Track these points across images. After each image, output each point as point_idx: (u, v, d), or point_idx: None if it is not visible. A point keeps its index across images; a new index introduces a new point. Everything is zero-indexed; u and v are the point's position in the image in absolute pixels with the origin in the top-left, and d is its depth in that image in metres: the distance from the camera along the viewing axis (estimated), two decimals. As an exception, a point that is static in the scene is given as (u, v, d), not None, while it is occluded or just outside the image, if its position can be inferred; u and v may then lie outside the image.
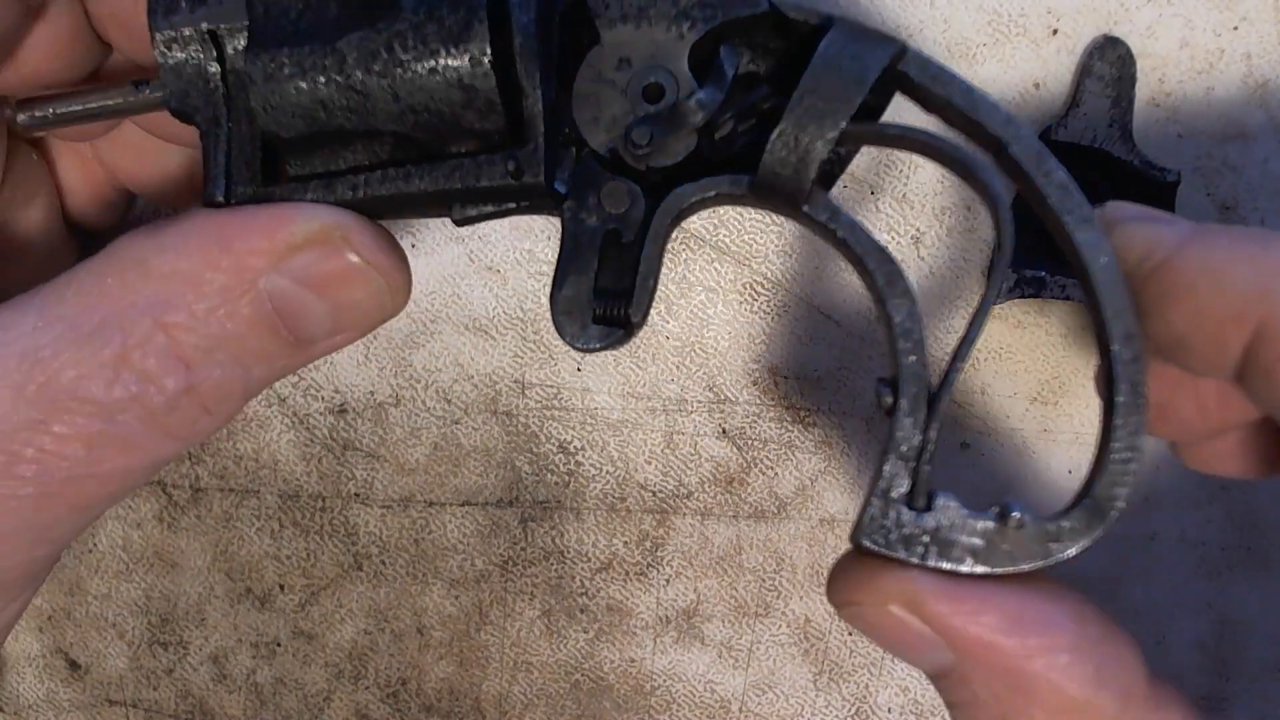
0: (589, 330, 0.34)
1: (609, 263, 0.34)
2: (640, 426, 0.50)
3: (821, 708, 0.51)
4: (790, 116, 0.31)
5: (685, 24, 0.33)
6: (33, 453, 0.30)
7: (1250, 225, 0.48)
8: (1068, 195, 0.31)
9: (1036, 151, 0.32)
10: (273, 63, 0.31)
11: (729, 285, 0.49)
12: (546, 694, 0.51)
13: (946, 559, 0.30)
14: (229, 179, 0.33)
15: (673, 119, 0.33)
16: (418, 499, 0.50)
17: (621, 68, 0.34)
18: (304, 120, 0.32)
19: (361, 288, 0.33)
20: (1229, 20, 0.47)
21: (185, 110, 0.33)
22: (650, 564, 0.50)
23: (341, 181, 0.33)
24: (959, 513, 0.31)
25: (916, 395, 0.32)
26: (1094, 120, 0.46)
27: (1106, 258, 0.31)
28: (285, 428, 0.50)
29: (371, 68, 0.31)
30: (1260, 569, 0.50)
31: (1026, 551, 0.31)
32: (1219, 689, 0.51)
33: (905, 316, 0.32)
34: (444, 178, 0.33)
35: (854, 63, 0.31)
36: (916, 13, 0.47)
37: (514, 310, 0.49)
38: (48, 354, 0.30)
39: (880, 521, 0.31)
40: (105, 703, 0.52)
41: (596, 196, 0.34)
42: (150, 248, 0.31)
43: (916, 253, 0.48)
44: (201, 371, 0.31)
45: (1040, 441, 0.49)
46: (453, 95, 0.31)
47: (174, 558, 0.51)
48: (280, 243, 0.31)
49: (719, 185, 0.34)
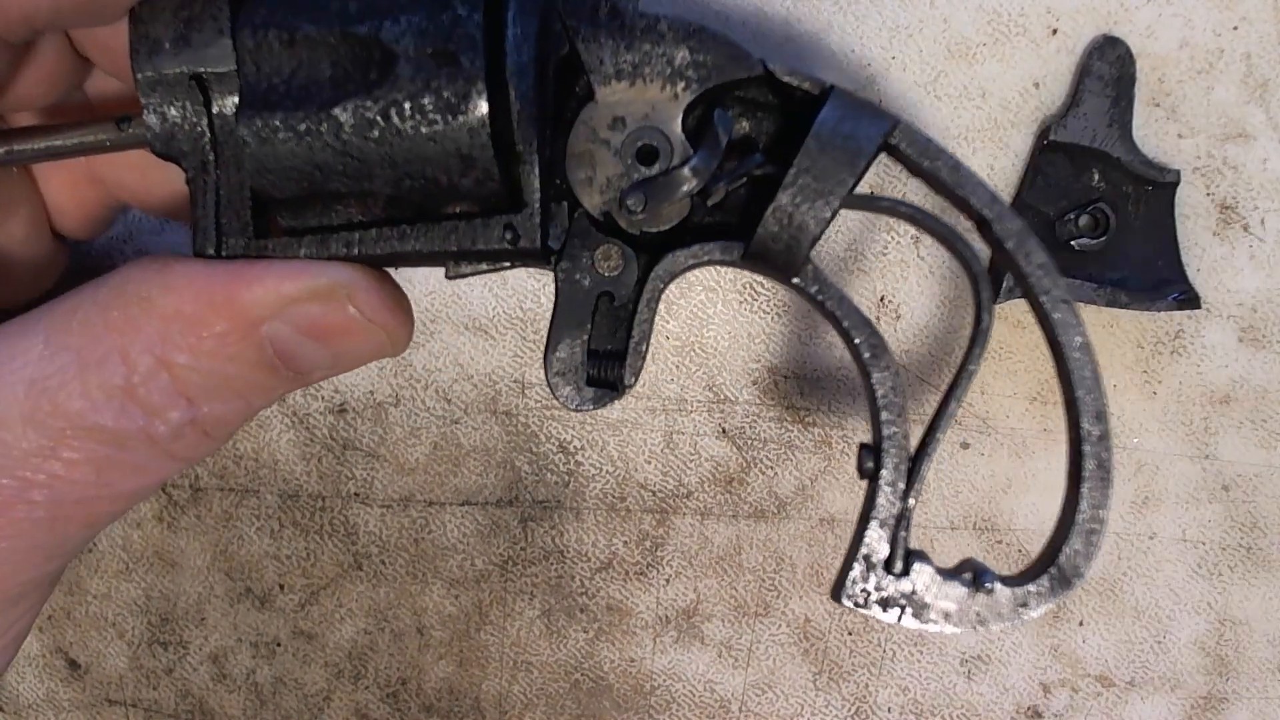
0: (584, 393, 0.35)
1: (601, 324, 0.35)
2: (640, 426, 0.50)
3: (821, 707, 0.51)
4: (785, 194, 0.32)
5: (679, 84, 0.33)
6: (44, 477, 0.31)
7: (1250, 224, 0.48)
8: (1046, 275, 0.33)
9: (1019, 231, 0.33)
10: (266, 127, 0.30)
11: (729, 285, 0.49)
12: (546, 694, 0.51)
13: (920, 620, 0.33)
14: (220, 231, 0.33)
15: (667, 186, 0.33)
16: (418, 499, 0.50)
17: (615, 127, 0.34)
18: (298, 183, 0.31)
19: (363, 340, 0.34)
20: (1229, 20, 0.47)
21: (170, 154, 0.33)
22: (650, 564, 0.50)
23: (336, 238, 0.33)
24: (934, 578, 0.33)
25: (897, 465, 0.34)
26: (1093, 120, 0.46)
27: (1081, 339, 0.33)
28: (285, 427, 0.50)
29: (368, 135, 0.30)
30: (1260, 569, 0.50)
31: (995, 614, 0.33)
32: (1219, 689, 0.51)
33: (889, 389, 0.34)
34: (440, 239, 0.32)
35: (849, 143, 0.32)
36: (916, 12, 0.47)
37: (514, 310, 0.49)
38: (55, 383, 0.30)
39: (861, 585, 0.33)
40: (105, 702, 0.52)
41: (590, 258, 0.35)
42: (156, 286, 0.31)
43: (916, 252, 0.48)
44: (203, 406, 0.32)
45: (1040, 441, 0.49)
46: (450, 163, 0.31)
47: (174, 557, 0.51)
48: (285, 295, 0.31)
49: (711, 252, 0.34)
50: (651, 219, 0.34)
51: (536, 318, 0.49)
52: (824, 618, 0.51)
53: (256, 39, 0.31)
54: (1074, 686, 0.51)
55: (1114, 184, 0.46)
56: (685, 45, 0.33)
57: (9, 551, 0.31)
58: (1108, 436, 0.33)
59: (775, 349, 0.49)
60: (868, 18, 0.47)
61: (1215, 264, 0.48)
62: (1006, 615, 0.33)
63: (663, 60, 0.33)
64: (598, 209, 0.34)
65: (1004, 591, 0.33)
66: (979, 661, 0.51)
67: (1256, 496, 0.50)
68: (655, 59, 0.33)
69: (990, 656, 0.51)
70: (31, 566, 0.33)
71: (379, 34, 0.30)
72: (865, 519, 0.34)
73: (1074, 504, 0.33)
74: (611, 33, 0.33)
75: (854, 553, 0.34)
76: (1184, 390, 0.49)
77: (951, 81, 0.47)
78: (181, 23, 0.31)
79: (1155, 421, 0.49)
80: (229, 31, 0.31)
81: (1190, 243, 0.47)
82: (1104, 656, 0.51)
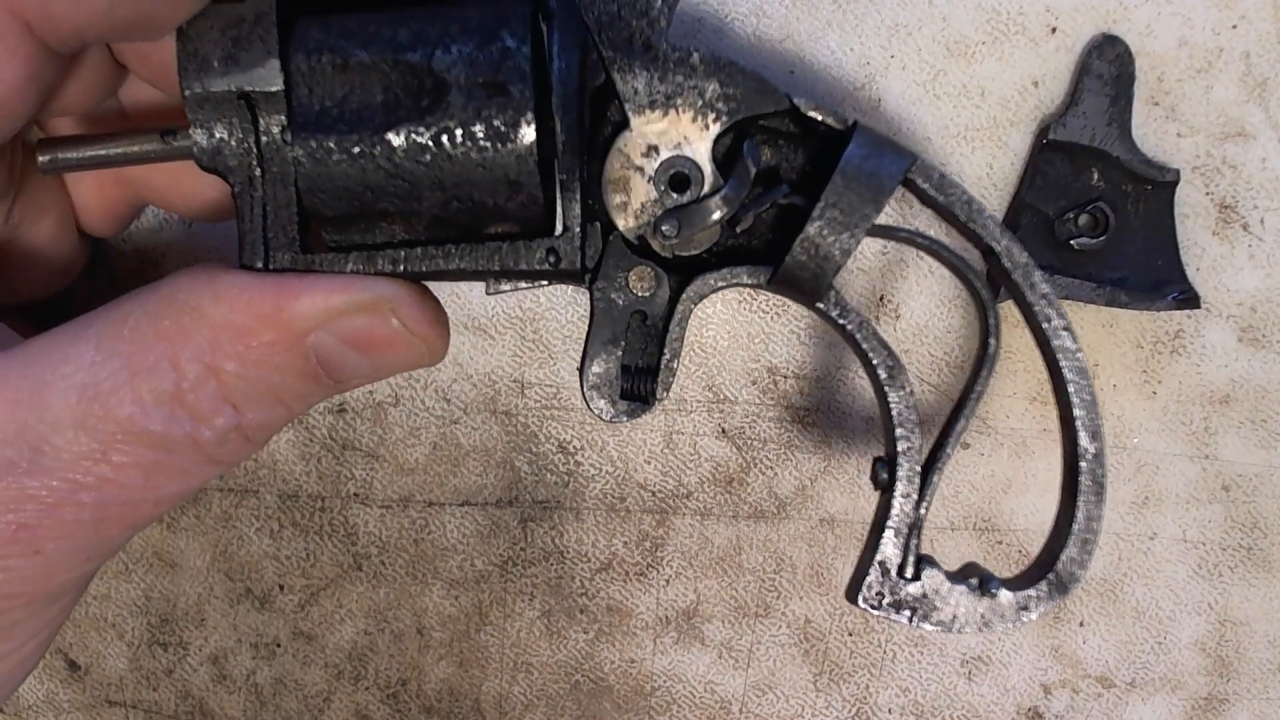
0: (617, 405, 0.37)
1: (634, 341, 0.37)
2: (640, 426, 0.50)
3: (821, 708, 0.51)
4: (813, 226, 0.34)
5: (710, 115, 0.35)
6: (93, 480, 0.32)
7: (1250, 224, 0.48)
8: (1049, 305, 0.36)
9: (1024, 263, 0.36)
10: (321, 148, 0.32)
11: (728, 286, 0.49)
12: (546, 694, 0.51)
13: (930, 622, 0.36)
14: (267, 245, 0.34)
15: (699, 213, 0.35)
16: (417, 499, 0.50)
17: (649, 154, 0.36)
18: (349, 202, 0.32)
19: (404, 352, 0.35)
20: (1228, 19, 0.47)
21: (216, 168, 0.34)
22: (650, 564, 0.50)
23: (382, 255, 0.34)
24: (944, 582, 0.36)
25: (911, 477, 0.36)
26: (1093, 119, 0.46)
27: (1079, 364, 0.36)
28: (285, 428, 0.50)
29: (420, 159, 0.31)
30: (1260, 569, 0.50)
31: (999, 616, 0.36)
32: (1219, 689, 0.50)
33: (904, 407, 0.36)
34: (484, 259, 0.34)
35: (872, 180, 0.34)
36: (915, 11, 0.47)
37: (513, 310, 0.49)
38: (106, 388, 0.31)
39: (877, 589, 0.36)
40: (105, 703, 0.52)
41: (624, 278, 0.37)
42: (207, 296, 0.32)
43: (915, 253, 0.48)
44: (248, 413, 0.33)
45: (1040, 441, 0.49)
46: (497, 188, 0.32)
47: (173, 558, 0.51)
48: (332, 308, 0.33)
49: (739, 275, 0.37)
50: (684, 244, 0.36)
51: (536, 318, 0.49)
52: (824, 619, 0.51)
53: (310, 62, 0.32)
54: (1074, 687, 0.51)
55: (1113, 183, 0.46)
56: (715, 78, 0.35)
57: (55, 552, 0.32)
58: (1103, 454, 0.36)
59: (775, 349, 0.49)
60: (867, 16, 0.47)
61: (1215, 263, 0.48)
62: (1009, 618, 0.36)
63: (694, 92, 0.35)
64: (632, 233, 0.36)
65: (1006, 596, 0.36)
66: (979, 662, 0.51)
67: (1256, 496, 0.49)
68: (687, 90, 0.35)
69: (991, 657, 0.51)
70: (73, 567, 0.33)
71: (430, 62, 0.31)
72: (880, 527, 0.36)
73: (1069, 515, 0.36)
74: (646, 64, 0.35)
75: (870, 558, 0.36)
76: (1184, 390, 0.49)
77: (950, 80, 0.47)
78: (230, 41, 0.32)
79: (1155, 421, 0.49)
80: (277, 53, 0.32)
81: (1190, 242, 0.47)
82: (1104, 657, 0.51)
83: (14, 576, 0.32)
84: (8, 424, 0.31)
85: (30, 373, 0.31)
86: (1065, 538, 0.36)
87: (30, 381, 0.31)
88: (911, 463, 0.36)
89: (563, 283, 0.37)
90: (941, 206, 0.36)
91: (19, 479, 0.31)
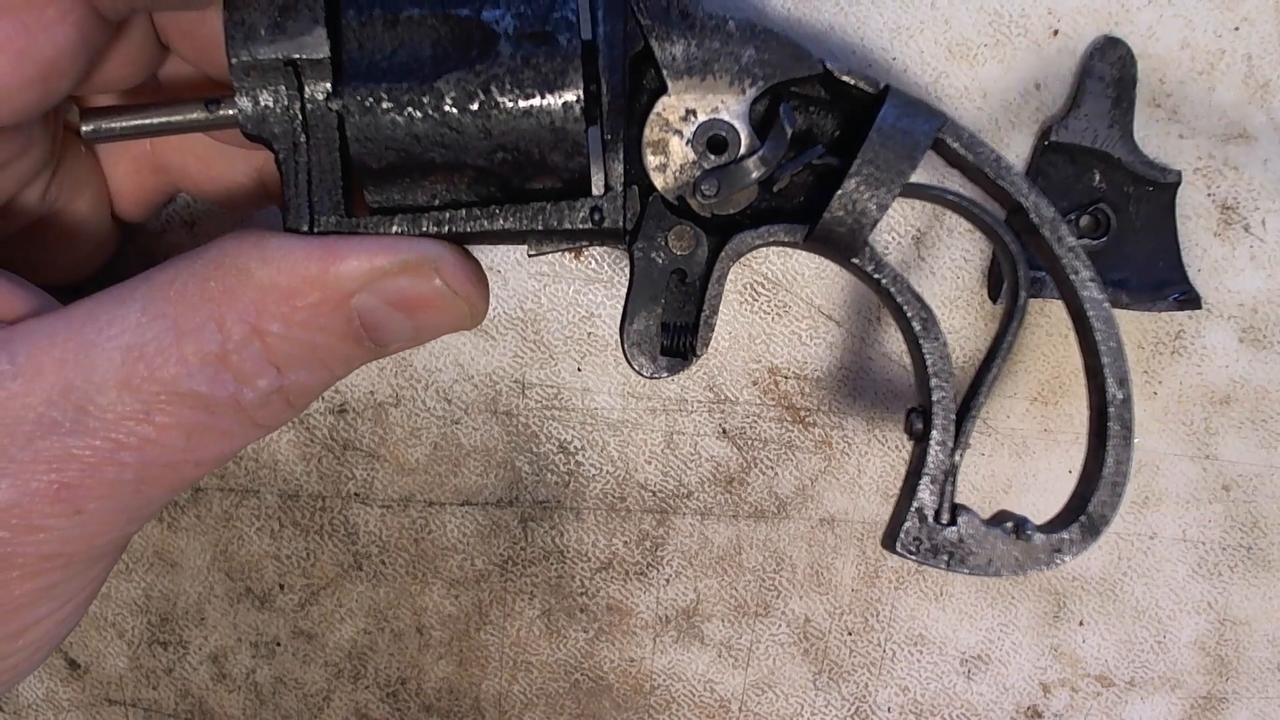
0: (658, 361, 0.38)
1: (674, 299, 0.38)
2: (640, 426, 0.50)
3: (821, 707, 0.51)
4: (850, 182, 0.35)
5: (746, 80, 0.36)
6: (136, 440, 0.32)
7: (1251, 225, 0.48)
8: (1076, 258, 0.37)
9: (1051, 217, 0.37)
10: (370, 96, 0.32)
11: (729, 285, 0.49)
12: (546, 694, 0.51)
13: (967, 565, 0.37)
14: (312, 209, 0.34)
15: (738, 174, 0.36)
16: (418, 499, 0.50)
17: (688, 118, 0.37)
18: (396, 152, 0.33)
19: (447, 312, 0.35)
20: (1230, 21, 0.47)
21: (261, 136, 0.34)
22: (650, 564, 0.50)
23: (427, 217, 0.35)
24: (979, 527, 0.37)
25: (946, 425, 0.37)
26: (1095, 120, 0.46)
27: (1106, 314, 0.37)
28: (285, 427, 0.50)
29: (468, 107, 0.32)
30: (1260, 569, 0.50)
31: (1034, 559, 0.37)
32: (1218, 688, 0.51)
33: (938, 357, 0.37)
34: (528, 219, 0.35)
35: (906, 138, 0.35)
36: (917, 13, 0.47)
37: (514, 310, 0.49)
38: (151, 349, 0.32)
39: (915, 534, 0.37)
40: (105, 702, 0.52)
41: (664, 237, 0.38)
42: (254, 258, 0.32)
43: (917, 252, 0.48)
44: (291, 375, 0.34)
45: (1040, 441, 0.49)
46: (542, 136, 0.33)
47: (174, 557, 0.51)
48: (376, 269, 0.33)
49: (776, 234, 0.37)
50: (722, 203, 0.37)
51: (536, 318, 0.49)
52: (824, 618, 0.51)
53: (361, 18, 0.33)
54: (1074, 686, 0.51)
55: (1115, 184, 0.46)
56: (751, 44, 0.36)
57: (96, 512, 0.32)
58: (1130, 400, 0.37)
59: (776, 349, 0.49)
60: (869, 19, 0.47)
61: (1216, 264, 0.48)
62: (1043, 560, 0.37)
63: (730, 58, 0.36)
64: (671, 193, 0.37)
65: (1040, 538, 0.37)
66: (979, 661, 0.51)
67: (1256, 496, 0.50)
68: (724, 56, 0.36)
69: (990, 656, 0.51)
70: (115, 528, 0.34)
71: (479, 15, 0.32)
72: (916, 475, 0.37)
73: (1099, 460, 0.37)
74: (683, 32, 0.36)
75: (906, 505, 0.37)
76: (1184, 390, 0.49)
77: (953, 82, 0.47)
78: (277, 10, 0.33)
79: (1155, 421, 0.49)
80: (324, 20, 0.32)
81: (1191, 243, 0.48)
82: (1104, 656, 0.51)
83: (55, 536, 0.32)
84: (53, 385, 0.31)
85: (76, 334, 0.32)
86: (1095, 482, 0.37)
87: (76, 342, 0.32)
88: (946, 411, 0.37)
89: (604, 243, 0.38)
90: (970, 165, 0.37)
91: (62, 438, 0.31)
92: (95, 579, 0.36)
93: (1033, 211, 0.37)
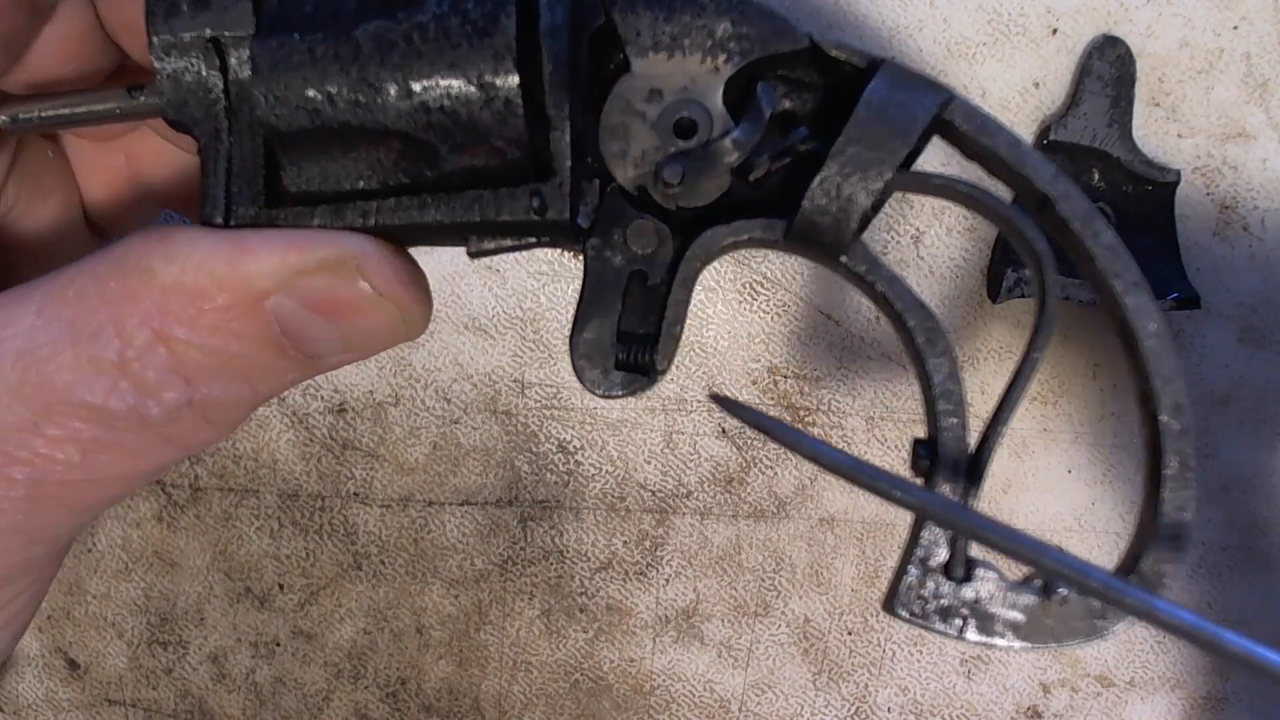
0: (611, 377, 0.33)
1: (633, 305, 0.33)
2: (640, 426, 0.50)
3: (821, 707, 0.51)
4: (833, 164, 0.30)
5: (721, 56, 0.32)
6: (25, 454, 0.29)
7: (1250, 224, 0.48)
8: (1117, 258, 0.30)
9: (1085, 211, 0.30)
10: (281, 49, 0.30)
11: (729, 285, 0.49)
12: (546, 694, 0.51)
13: (985, 633, 0.30)
14: (229, 199, 0.32)
15: (706, 158, 0.31)
16: (417, 499, 0.50)
17: (652, 99, 0.32)
18: (309, 113, 0.30)
19: (374, 317, 0.32)
20: (1229, 20, 0.47)
21: (182, 121, 0.32)
22: (650, 564, 0.50)
23: (351, 208, 0.31)
24: (999, 585, 0.30)
25: (956, 461, 0.31)
26: (1094, 119, 0.46)
27: (1156, 324, 0.30)
28: (285, 427, 0.50)
29: (387, 59, 0.29)
30: (1260, 569, 0.50)
31: (1070, 628, 0.30)
32: (1218, 688, 0.51)
33: (946, 376, 0.31)
34: (462, 209, 0.31)
35: (901, 112, 0.30)
36: (916, 12, 0.47)
37: (513, 310, 0.49)
38: (45, 354, 0.29)
39: (918, 591, 0.30)
40: (105, 702, 0.52)
41: (623, 234, 0.33)
42: (157, 255, 0.30)
43: (916, 252, 0.48)
44: (202, 387, 0.30)
45: (1040, 441, 0.49)
46: (470, 95, 0.29)
47: (173, 557, 0.51)
48: (290, 266, 0.30)
49: (752, 229, 0.32)
50: (689, 193, 0.32)
51: (536, 318, 0.49)
52: (824, 618, 0.51)
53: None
54: (1074, 686, 0.51)
55: (1114, 183, 0.46)
56: (728, 17, 0.32)
57: None
58: (1190, 432, 0.30)
59: (775, 349, 0.49)
60: (867, 18, 0.47)
61: (1215, 264, 0.48)
62: (1082, 630, 0.30)
63: (703, 32, 0.32)
64: (632, 183, 0.32)
65: (1078, 602, 0.30)
66: (979, 661, 0.51)
67: (1256, 497, 0.49)
68: (695, 30, 0.32)
69: (990, 657, 0.51)
70: (12, 549, 0.31)
71: None
72: (920, 520, 0.30)
73: (1154, 507, 0.30)
74: (650, 4, 0.32)
75: (909, 556, 0.30)
76: (1184, 390, 0.49)
77: (951, 81, 0.47)
78: None
79: (1155, 421, 0.49)
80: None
81: (1190, 243, 0.47)
82: (1104, 656, 0.51)
83: None
84: None
85: None
86: (1150, 534, 0.30)
87: None
88: (957, 443, 0.30)
89: (555, 243, 0.33)
90: (985, 151, 0.31)
91: None
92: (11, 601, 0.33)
93: (1062, 203, 0.30)
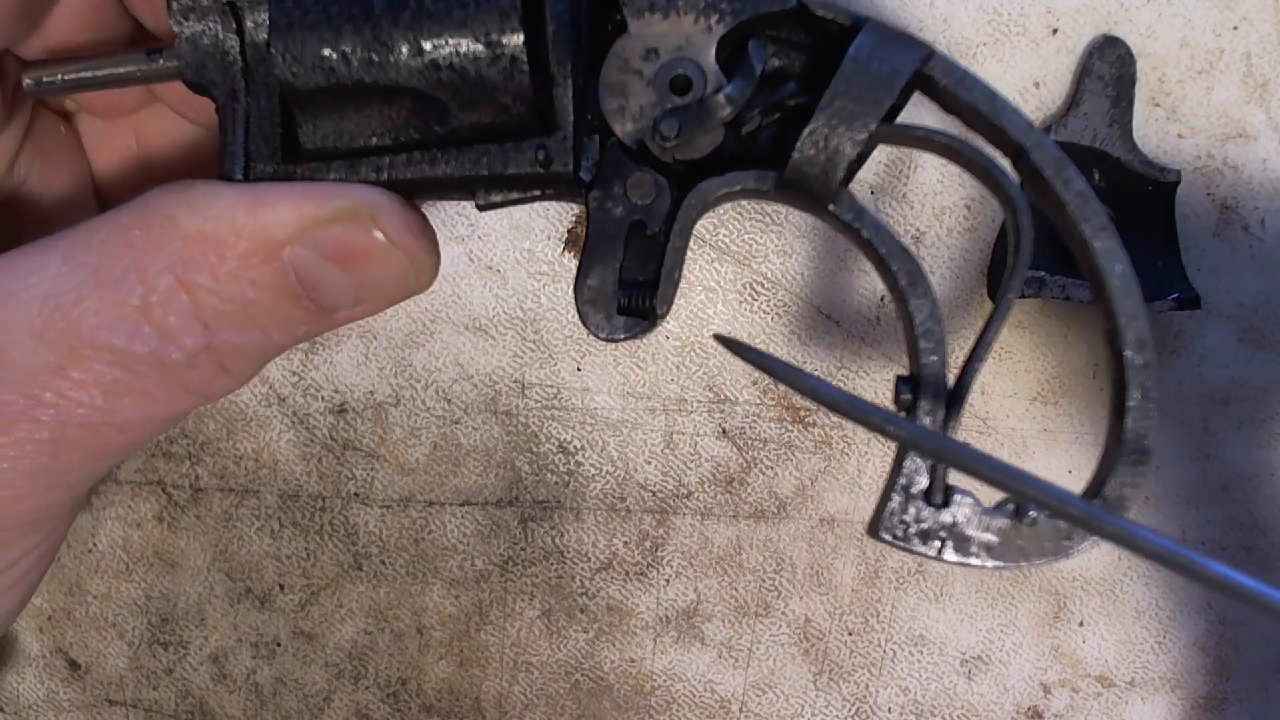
0: (614, 321, 0.35)
1: (633, 253, 0.35)
2: (640, 426, 0.50)
3: (821, 708, 0.51)
4: (821, 116, 0.32)
5: (713, 16, 0.34)
6: (51, 397, 0.30)
7: (1250, 224, 0.48)
8: (1086, 203, 0.32)
9: (1056, 159, 0.32)
10: (298, 10, 0.31)
11: (729, 285, 0.49)
12: (546, 694, 0.51)
13: (961, 553, 0.32)
14: (248, 156, 0.33)
15: (701, 113, 0.33)
16: (418, 499, 0.50)
17: (649, 58, 0.34)
18: (323, 73, 0.31)
19: (386, 266, 0.33)
20: (1229, 20, 0.47)
21: (201, 83, 0.33)
22: (650, 564, 0.50)
23: (365, 163, 0.33)
24: (975, 509, 0.32)
25: (936, 394, 0.33)
26: (1094, 120, 0.46)
27: (1122, 266, 0.32)
28: (285, 427, 0.50)
29: (399, 18, 0.31)
30: (1260, 569, 0.50)
31: (1039, 548, 0.32)
32: (1219, 689, 0.51)
33: (927, 316, 0.33)
34: (471, 163, 0.33)
35: (884, 65, 0.32)
36: (916, 12, 0.47)
37: (514, 310, 0.49)
38: (69, 299, 0.30)
39: (900, 516, 0.32)
40: (105, 703, 0.52)
41: (622, 186, 0.35)
42: (180, 205, 0.31)
43: (916, 252, 0.48)
44: (220, 333, 0.31)
45: (1040, 441, 0.49)
46: (478, 51, 0.31)
47: (174, 558, 0.51)
48: (307, 216, 0.31)
49: (745, 180, 0.34)
50: (685, 146, 0.34)
51: (536, 318, 0.49)
52: (824, 618, 0.51)
53: None
54: (1074, 687, 0.51)
55: (1114, 184, 0.46)
56: None
57: (10, 473, 0.31)
58: (1152, 365, 0.32)
59: (775, 349, 0.49)
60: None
61: (1215, 264, 0.48)
62: (1050, 550, 0.32)
63: None
64: (630, 137, 0.34)
65: (1047, 524, 0.32)
66: (979, 662, 0.51)
67: (1256, 497, 0.49)
68: None
69: (991, 657, 0.51)
70: (34, 494, 0.32)
71: None
72: (903, 451, 0.33)
73: (1118, 435, 0.32)
74: None
75: (892, 484, 0.33)
76: (1184, 391, 0.49)
77: (951, 81, 0.47)
78: None
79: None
80: None
81: (1190, 243, 0.47)
82: (1104, 657, 0.51)
83: None
84: None
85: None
86: (1113, 461, 0.32)
87: None
88: (937, 379, 0.33)
89: (558, 195, 0.36)
90: (963, 104, 0.33)
91: None
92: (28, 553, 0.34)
93: (1035, 152, 0.32)
